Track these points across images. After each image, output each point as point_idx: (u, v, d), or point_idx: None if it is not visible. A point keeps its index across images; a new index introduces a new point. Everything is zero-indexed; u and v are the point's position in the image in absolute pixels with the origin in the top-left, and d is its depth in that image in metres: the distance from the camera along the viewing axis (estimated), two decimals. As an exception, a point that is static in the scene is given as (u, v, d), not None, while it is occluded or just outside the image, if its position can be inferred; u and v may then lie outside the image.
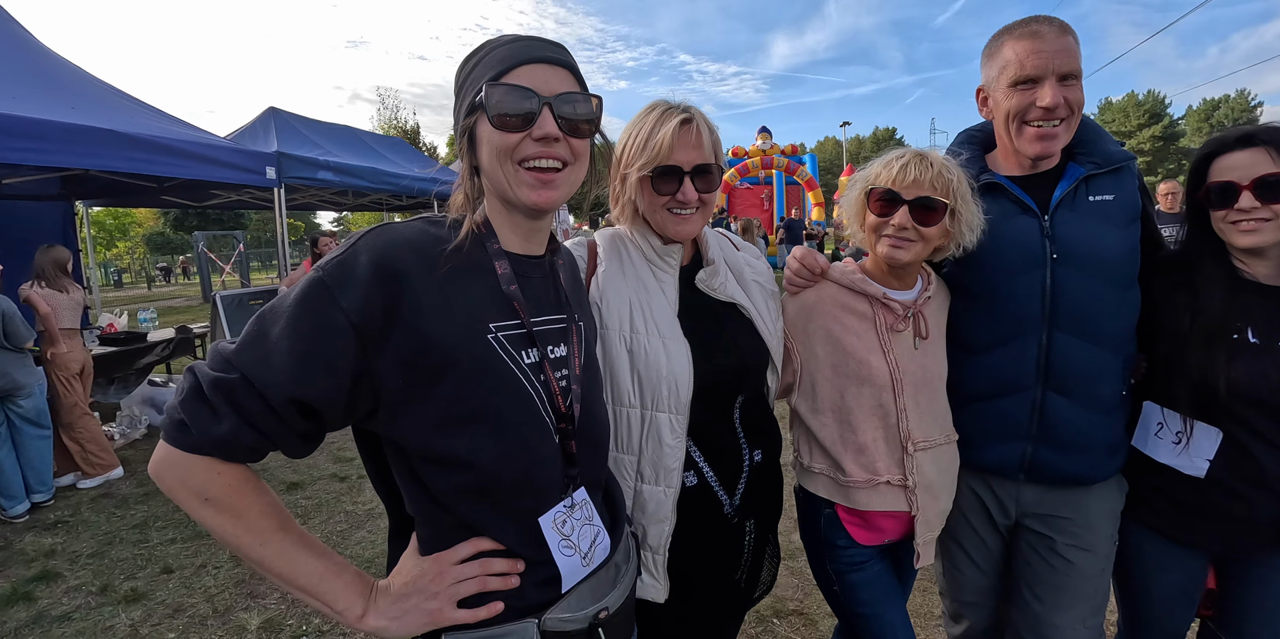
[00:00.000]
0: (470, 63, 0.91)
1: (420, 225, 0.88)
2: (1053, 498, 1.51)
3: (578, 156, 0.90)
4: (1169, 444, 1.45)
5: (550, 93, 0.86)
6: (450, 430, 0.82)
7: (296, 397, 0.76)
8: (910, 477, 1.41)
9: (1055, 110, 1.37)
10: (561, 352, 0.95)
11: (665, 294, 1.29)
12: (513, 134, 0.85)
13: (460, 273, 0.85)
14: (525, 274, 0.94)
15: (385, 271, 0.78)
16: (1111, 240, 1.44)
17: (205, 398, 0.76)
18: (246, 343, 0.78)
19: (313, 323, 0.76)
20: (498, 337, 0.86)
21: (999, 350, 1.49)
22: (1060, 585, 1.50)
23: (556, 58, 0.89)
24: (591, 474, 1.00)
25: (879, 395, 1.41)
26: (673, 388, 1.20)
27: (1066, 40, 1.36)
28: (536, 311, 0.93)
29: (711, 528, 1.30)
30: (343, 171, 7.26)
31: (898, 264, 1.40)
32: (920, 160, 1.36)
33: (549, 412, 0.90)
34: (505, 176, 0.87)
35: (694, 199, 1.25)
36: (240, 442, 0.77)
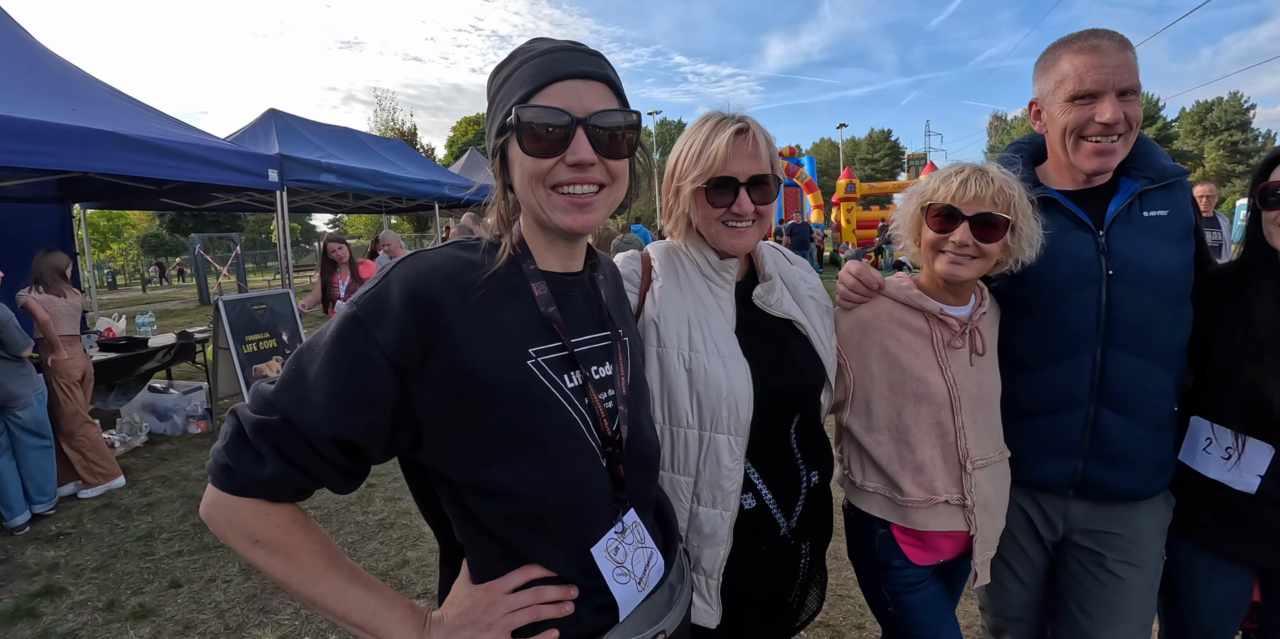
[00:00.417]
0: (501, 75, 0.87)
1: (452, 251, 0.86)
2: (1102, 514, 1.49)
3: (615, 177, 0.86)
4: (1218, 460, 1.44)
5: (584, 112, 0.82)
6: (494, 460, 0.80)
7: (338, 435, 0.76)
8: (969, 496, 1.38)
9: (1115, 126, 1.34)
10: (606, 371, 0.93)
11: (723, 311, 1.26)
12: (544, 160, 0.81)
13: (496, 298, 0.83)
14: (564, 292, 0.92)
15: (418, 303, 0.77)
16: (1166, 256, 1.43)
17: (249, 441, 0.77)
18: (286, 383, 0.78)
19: (350, 360, 0.75)
20: (538, 362, 0.84)
21: (1052, 366, 1.47)
22: (1110, 602, 1.48)
23: (592, 72, 0.84)
24: (641, 494, 0.97)
25: (937, 413, 1.38)
26: (733, 409, 1.17)
27: (1126, 55, 1.34)
28: (578, 331, 0.91)
29: (768, 551, 1.27)
30: (345, 174, 7.21)
31: (957, 281, 1.37)
32: (980, 176, 1.33)
33: (595, 436, 0.87)
34: (538, 201, 0.84)
35: (750, 211, 1.22)
36: (286, 483, 0.77)
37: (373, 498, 4.10)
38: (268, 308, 5.78)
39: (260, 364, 5.51)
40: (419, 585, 3.04)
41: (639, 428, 0.95)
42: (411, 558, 3.29)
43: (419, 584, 3.05)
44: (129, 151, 4.65)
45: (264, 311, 5.73)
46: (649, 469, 1.00)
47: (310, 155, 6.98)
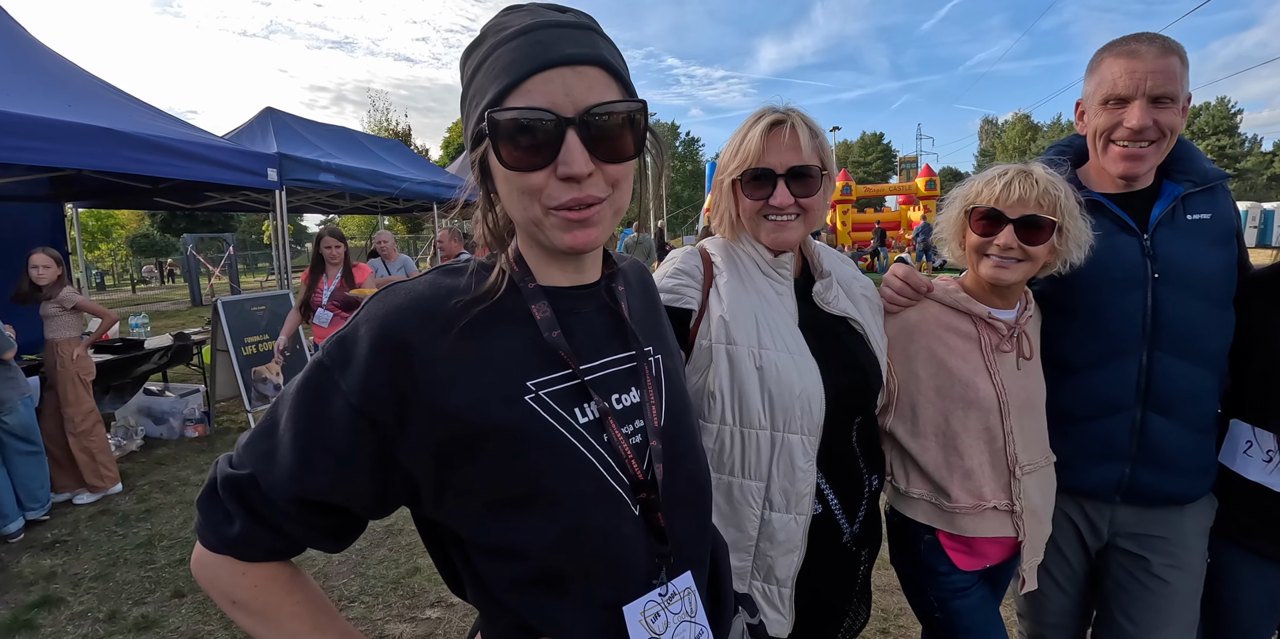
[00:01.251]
0: (472, 62, 0.70)
1: (432, 279, 0.73)
2: (1148, 518, 1.48)
3: (617, 185, 0.70)
4: (1259, 462, 1.44)
5: (575, 109, 0.65)
6: (498, 515, 0.69)
7: (301, 496, 0.68)
8: (1017, 501, 1.36)
9: (1143, 132, 1.33)
10: (631, 398, 0.78)
11: (785, 307, 1.23)
12: (531, 174, 0.66)
13: (488, 327, 0.71)
14: (574, 310, 0.77)
15: (388, 344, 0.66)
16: (1211, 259, 1.42)
17: (219, 496, 0.71)
18: (256, 435, 0.70)
19: (315, 413, 0.67)
20: (539, 396, 0.71)
21: (1098, 370, 1.45)
22: (1156, 606, 1.47)
23: (581, 54, 0.66)
24: (694, 548, 0.82)
25: (985, 419, 1.35)
26: (806, 407, 1.14)
27: (1167, 62, 1.31)
28: (593, 354, 0.77)
29: (831, 558, 1.25)
30: (344, 174, 7.14)
31: (1004, 284, 1.34)
32: (1024, 177, 1.30)
33: (620, 479, 0.73)
34: (531, 220, 0.70)
35: (788, 203, 1.19)
36: (256, 543, 0.70)
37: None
38: (267, 309, 5.70)
39: (259, 366, 5.44)
40: (432, 594, 2.99)
41: (680, 464, 0.80)
42: (423, 565, 3.23)
43: (432, 592, 3.00)
44: (127, 149, 4.58)
45: (263, 313, 5.65)
46: (698, 514, 0.85)
47: (309, 155, 6.91)
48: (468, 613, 2.81)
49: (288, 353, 4.84)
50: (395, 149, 10.70)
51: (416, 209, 12.33)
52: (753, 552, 1.21)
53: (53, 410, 4.16)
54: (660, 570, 0.75)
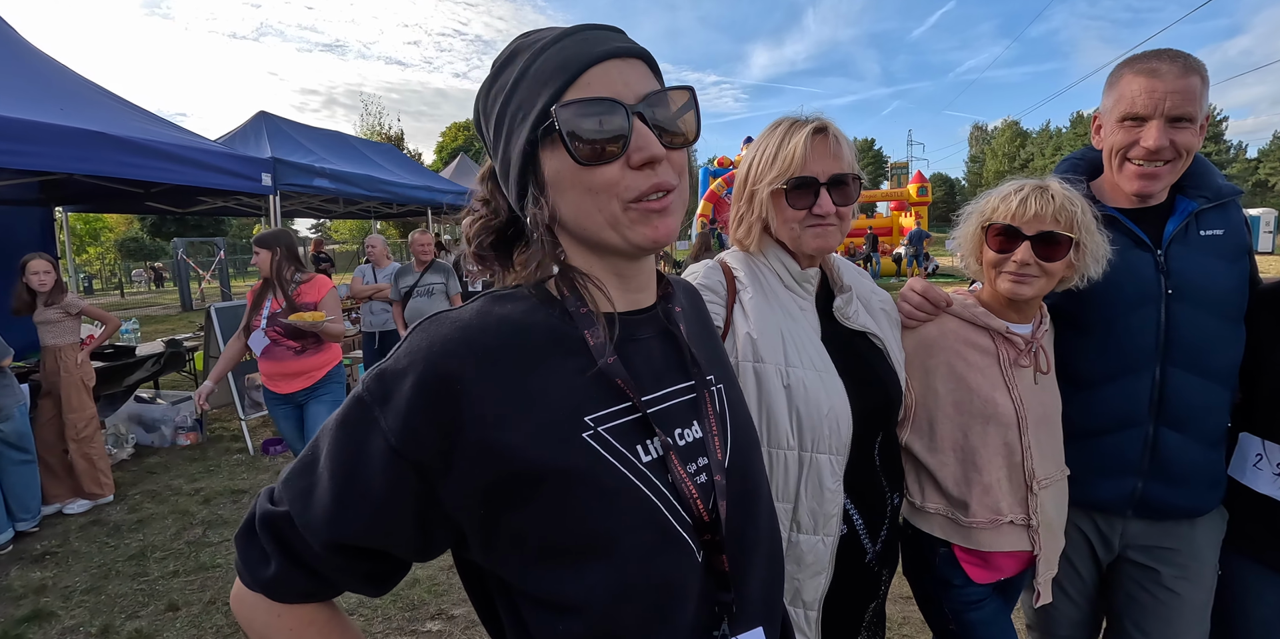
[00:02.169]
0: (507, 79, 0.67)
1: (481, 306, 0.68)
2: (1159, 531, 1.48)
3: (681, 173, 0.69)
4: (1270, 475, 1.45)
5: (635, 97, 0.64)
6: (553, 565, 0.64)
7: (337, 540, 0.64)
8: (1033, 516, 1.37)
9: (1159, 152, 1.34)
10: (694, 433, 0.72)
11: (809, 323, 1.22)
12: (608, 167, 0.64)
13: (540, 358, 0.66)
14: (632, 336, 0.72)
15: (432, 380, 0.61)
16: (1223, 275, 1.43)
17: (255, 533, 0.68)
18: (296, 470, 0.67)
19: (352, 452, 0.63)
20: (598, 432, 0.65)
21: (1111, 385, 1.46)
22: (1167, 617, 1.48)
23: (627, 48, 0.66)
24: (765, 600, 0.75)
25: (1004, 434, 1.35)
26: (834, 426, 1.13)
27: (1187, 81, 1.31)
28: (654, 385, 0.71)
29: (854, 579, 1.24)
30: (339, 179, 7.09)
31: (1021, 299, 1.35)
32: (1041, 193, 1.31)
33: (684, 521, 0.67)
34: (610, 222, 0.66)
35: (832, 211, 1.19)
36: (291, 585, 0.67)
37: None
38: (260, 315, 5.64)
39: (254, 373, 5.37)
40: (432, 606, 2.96)
41: (747, 503, 0.74)
42: (421, 576, 3.20)
43: (431, 604, 2.97)
44: (120, 153, 4.52)
45: (257, 319, 5.59)
46: (769, 560, 0.78)
47: (303, 159, 6.86)
48: (469, 626, 2.78)
49: (208, 407, 4.02)
50: (389, 153, 10.66)
51: (410, 214, 12.27)
52: None
53: (47, 418, 4.11)
54: (721, 621, 0.68)
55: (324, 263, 13.48)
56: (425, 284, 5.26)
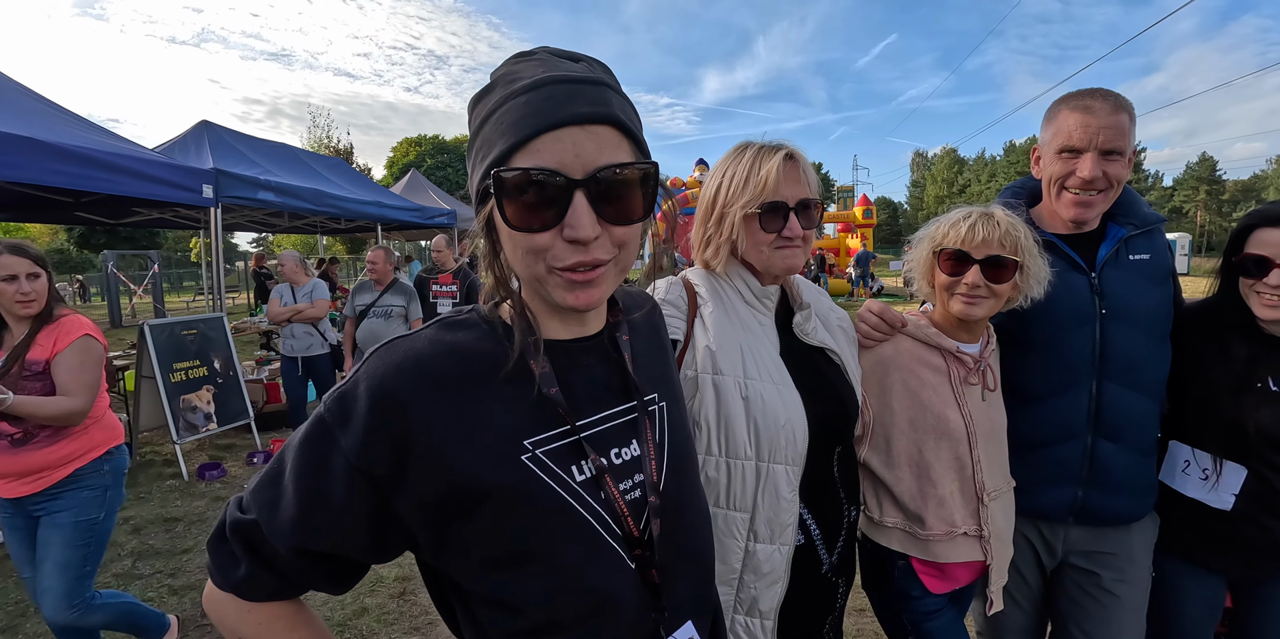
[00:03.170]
0: (482, 110, 0.68)
1: (432, 334, 0.72)
2: (1098, 536, 1.57)
3: (624, 246, 0.69)
4: (1197, 480, 1.56)
5: (584, 169, 0.63)
6: (495, 571, 0.70)
7: (302, 547, 0.70)
8: (985, 526, 1.43)
9: (1093, 182, 1.45)
10: (632, 451, 0.78)
11: (768, 338, 1.26)
12: (537, 235, 0.65)
13: (484, 385, 0.70)
14: (575, 363, 0.77)
15: (386, 403, 0.66)
16: (1151, 296, 1.55)
17: (226, 539, 0.74)
18: (263, 482, 0.72)
19: (314, 468, 0.68)
20: (535, 455, 0.70)
21: (1053, 399, 1.54)
22: (1107, 619, 1.56)
23: (593, 114, 0.64)
24: (695, 598, 0.83)
25: (956, 449, 1.42)
26: (790, 437, 1.16)
27: (1118, 118, 1.43)
28: (593, 408, 0.76)
29: (810, 589, 1.27)
30: (285, 192, 6.90)
31: (972, 319, 1.42)
32: (987, 220, 1.39)
33: (615, 535, 0.73)
34: (536, 278, 0.69)
35: (800, 234, 1.24)
36: (260, 585, 0.73)
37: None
38: (199, 333, 5.38)
39: (189, 394, 5.11)
40: (382, 635, 2.84)
41: (680, 519, 0.80)
42: (371, 605, 3.07)
43: (382, 633, 2.85)
44: (49, 159, 4.30)
45: (194, 337, 5.33)
46: (699, 566, 0.85)
47: (247, 171, 6.65)
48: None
49: None
50: (337, 167, 10.43)
51: (359, 230, 11.99)
52: (736, 585, 1.22)
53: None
54: (657, 626, 0.76)
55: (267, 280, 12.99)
56: (383, 305, 5.03)
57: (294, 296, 5.31)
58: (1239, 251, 1.48)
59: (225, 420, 5.41)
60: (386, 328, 4.93)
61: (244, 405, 5.64)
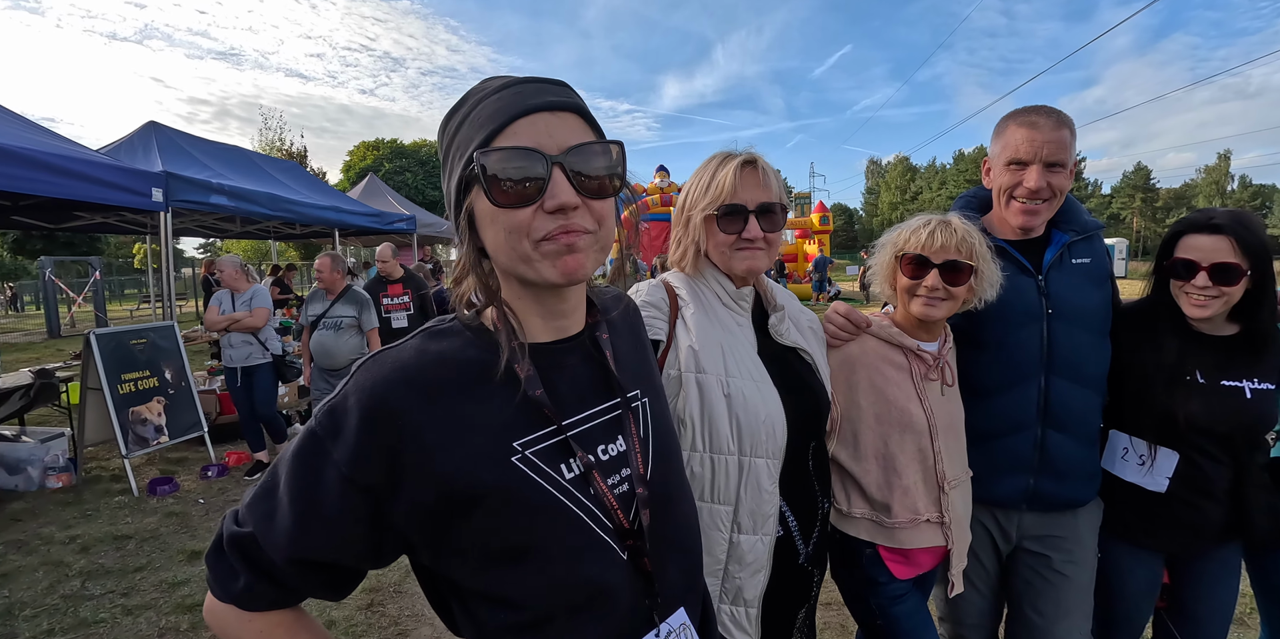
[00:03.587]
0: (454, 121, 0.74)
1: (418, 345, 0.75)
2: (1048, 521, 1.68)
3: (601, 220, 0.74)
4: (1134, 466, 1.69)
5: (559, 148, 0.70)
6: (493, 569, 0.73)
7: (302, 558, 0.72)
8: (946, 513, 1.52)
9: (1038, 192, 1.57)
10: (618, 447, 0.82)
11: (746, 337, 1.32)
12: (521, 209, 0.69)
13: (471, 391, 0.73)
14: (558, 364, 0.80)
15: (376, 414, 0.69)
16: (1093, 297, 1.67)
17: (224, 552, 0.76)
18: (258, 496, 0.74)
19: (308, 480, 0.70)
20: (525, 456, 0.73)
21: (1005, 394, 1.65)
22: (1058, 599, 1.67)
23: (560, 102, 0.72)
24: (685, 587, 0.87)
25: (919, 440, 1.50)
26: (770, 432, 1.22)
27: (1060, 133, 1.55)
28: (577, 407, 0.79)
29: (788, 578, 1.32)
30: (239, 196, 6.71)
31: (932, 320, 1.52)
32: (945, 227, 1.49)
33: (607, 528, 0.77)
34: (521, 258, 0.72)
35: (759, 236, 1.30)
36: (260, 595, 0.75)
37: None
38: (149, 342, 5.18)
39: (139, 407, 4.91)
40: (353, 646, 2.80)
41: (668, 508, 0.84)
42: (338, 617, 3.03)
43: (352, 645, 2.81)
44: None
45: (144, 347, 5.13)
46: (688, 553, 0.89)
47: (198, 174, 6.45)
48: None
49: None
50: (292, 171, 10.17)
51: (315, 235, 11.70)
52: (721, 575, 1.26)
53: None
54: (650, 612, 0.80)
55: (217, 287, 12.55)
56: (333, 316, 4.76)
57: (233, 304, 5.05)
58: (1169, 256, 1.62)
59: (177, 433, 5.21)
60: (336, 341, 4.72)
61: (197, 417, 5.45)
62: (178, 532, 4.07)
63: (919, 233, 1.51)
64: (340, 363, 4.72)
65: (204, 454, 5.46)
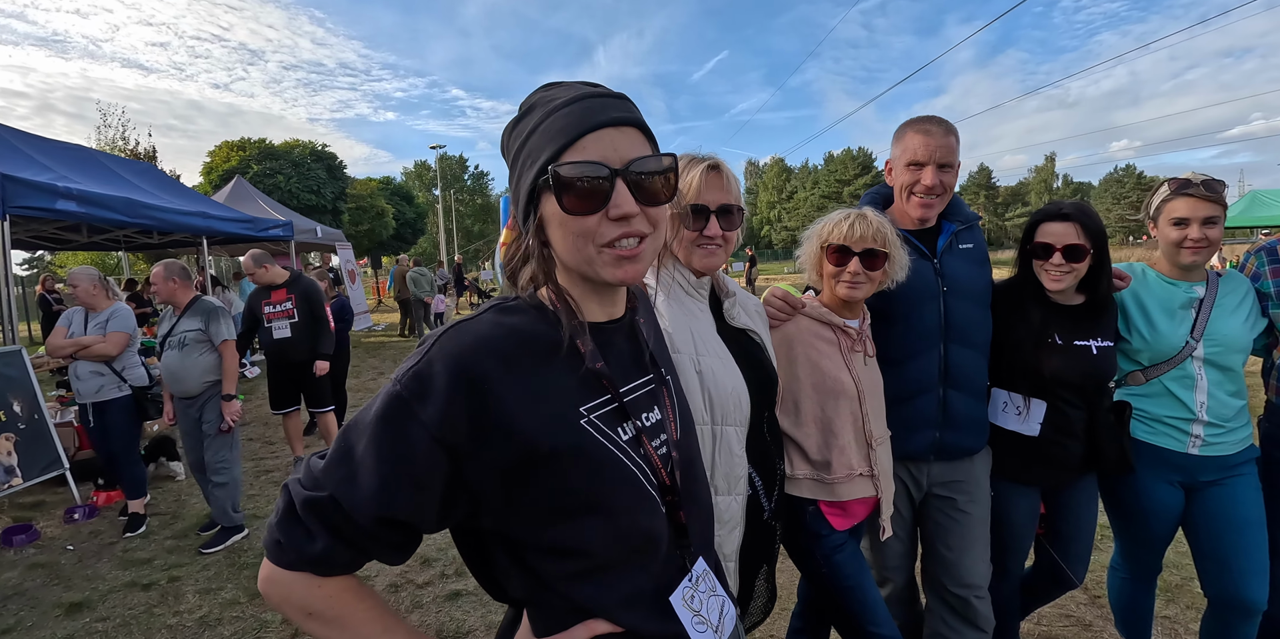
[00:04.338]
0: (523, 129, 0.83)
1: (492, 318, 0.83)
2: (951, 469, 1.98)
3: (656, 225, 0.83)
4: (1013, 416, 2.03)
5: (621, 161, 0.78)
6: (560, 522, 0.80)
7: (385, 516, 0.76)
8: (875, 467, 1.75)
9: (933, 189, 1.86)
10: (655, 416, 0.92)
11: (707, 320, 1.46)
12: (589, 217, 0.78)
13: (542, 361, 0.81)
14: (608, 342, 0.89)
15: (465, 379, 0.75)
16: (977, 276, 1.99)
17: (299, 517, 0.78)
18: (333, 461, 0.78)
19: (394, 440, 0.75)
20: (590, 419, 0.82)
21: (913, 361, 1.93)
22: (964, 534, 1.97)
23: (624, 118, 0.81)
24: (705, 540, 0.98)
25: (850, 405, 1.73)
26: (737, 403, 1.36)
27: (949, 139, 1.86)
28: (624, 380, 0.89)
29: (756, 532, 1.48)
30: (90, 202, 6.03)
31: (854, 301, 1.74)
32: (863, 220, 1.72)
33: (653, 486, 0.86)
34: (586, 259, 0.81)
35: (719, 234, 1.44)
36: (335, 558, 0.79)
37: (181, 595, 3.43)
38: (-10, 369, 4.53)
39: (-12, 441, 4.29)
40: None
41: (692, 470, 0.95)
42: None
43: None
44: None
45: (-15, 374, 4.49)
46: (708, 512, 1.01)
47: (40, 177, 5.71)
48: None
49: None
50: (147, 173, 9.20)
51: (176, 244, 10.61)
52: None
53: None
54: (684, 559, 0.90)
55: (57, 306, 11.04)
56: (177, 333, 4.03)
57: (86, 326, 4.25)
58: (1030, 241, 1.96)
59: (33, 473, 4.59)
60: (182, 361, 3.98)
61: (56, 454, 4.82)
62: (48, 584, 3.60)
63: (840, 226, 1.73)
64: (192, 388, 4.00)
65: (65, 495, 4.85)
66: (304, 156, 23.46)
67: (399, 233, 33.65)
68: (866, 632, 1.74)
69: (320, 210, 22.74)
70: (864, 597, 1.74)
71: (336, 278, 13.78)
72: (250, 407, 7.78)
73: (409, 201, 37.36)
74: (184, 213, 7.79)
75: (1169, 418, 2.00)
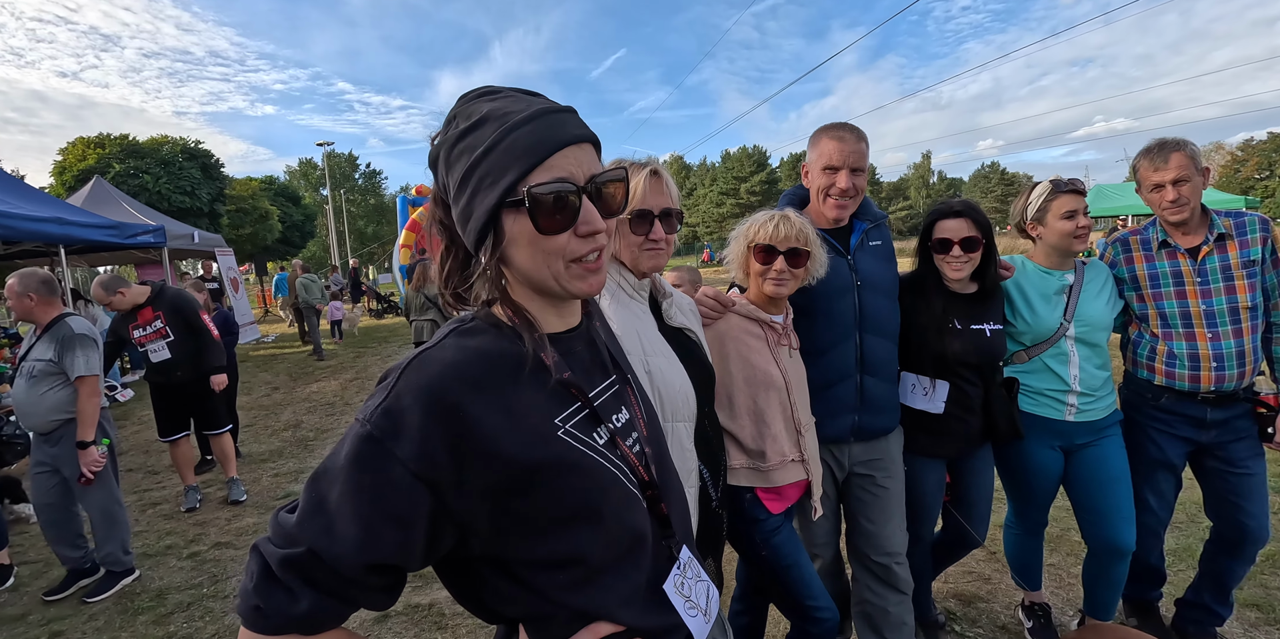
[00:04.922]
0: (476, 141, 0.79)
1: (454, 342, 0.81)
2: (870, 448, 2.14)
3: (610, 235, 0.86)
4: (920, 396, 2.23)
5: (584, 178, 0.80)
6: (552, 534, 0.80)
7: (369, 562, 0.73)
8: (804, 452, 1.87)
9: (847, 191, 2.01)
10: (625, 416, 0.93)
11: (649, 321, 1.51)
12: (560, 235, 0.80)
13: (511, 379, 0.80)
14: (570, 350, 0.90)
15: (438, 409, 0.73)
16: (886, 270, 2.16)
17: (277, 578, 0.74)
18: (307, 513, 0.74)
19: (372, 482, 0.72)
20: (566, 430, 0.82)
21: (832, 351, 2.07)
22: (883, 507, 2.14)
23: (582, 134, 0.82)
24: (685, 529, 1.00)
25: (780, 396, 1.84)
26: (684, 399, 1.41)
27: (860, 145, 2.00)
28: (590, 385, 0.90)
29: (706, 519, 1.54)
30: (-84, 211, 5.22)
31: (779, 297, 1.85)
32: (786, 221, 1.83)
33: (634, 482, 0.88)
34: (554, 275, 0.82)
35: (663, 238, 1.50)
36: (324, 615, 0.75)
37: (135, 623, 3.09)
38: None
39: None
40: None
41: (664, 462, 0.98)
42: None
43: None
44: None
45: None
46: (683, 501, 1.03)
47: None
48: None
49: None
50: (-16, 175, 8.07)
51: (26, 255, 9.39)
52: None
53: None
54: (670, 549, 0.93)
55: None
56: (30, 360, 3.39)
57: None
58: (930, 237, 2.16)
59: None
60: (29, 394, 3.34)
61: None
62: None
63: (766, 226, 1.83)
64: (42, 424, 3.35)
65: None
66: (174, 154, 21.27)
67: (285, 236, 31.28)
68: (805, 606, 1.86)
69: (196, 213, 20.75)
70: (801, 574, 1.86)
71: (219, 288, 12.67)
72: (127, 434, 7.04)
73: (295, 203, 34.88)
74: (37, 218, 6.92)
75: (1048, 390, 2.27)
